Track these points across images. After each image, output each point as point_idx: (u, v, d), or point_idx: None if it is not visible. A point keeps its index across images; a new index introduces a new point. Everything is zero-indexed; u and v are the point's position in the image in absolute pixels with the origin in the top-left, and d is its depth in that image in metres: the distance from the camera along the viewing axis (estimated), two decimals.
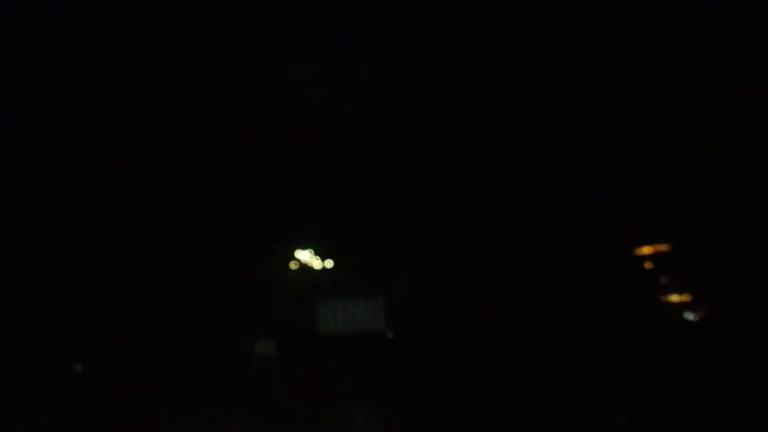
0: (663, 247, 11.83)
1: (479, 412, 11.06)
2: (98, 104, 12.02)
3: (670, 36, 11.25)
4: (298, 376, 11.36)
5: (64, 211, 11.72)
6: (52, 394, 10.67)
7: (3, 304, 11.07)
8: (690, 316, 11.37)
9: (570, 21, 11.48)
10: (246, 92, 12.15)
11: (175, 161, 12.10)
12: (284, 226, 12.17)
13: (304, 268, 12.66)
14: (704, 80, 11.10)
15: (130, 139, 11.82)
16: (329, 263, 12.76)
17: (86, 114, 12.01)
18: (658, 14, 11.16)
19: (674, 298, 11.56)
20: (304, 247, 12.68)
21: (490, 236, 12.31)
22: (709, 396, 10.26)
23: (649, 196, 11.50)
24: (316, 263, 12.71)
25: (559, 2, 11.53)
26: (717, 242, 11.17)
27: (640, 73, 11.40)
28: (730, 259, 11.17)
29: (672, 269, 11.73)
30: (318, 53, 12.18)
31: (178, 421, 10.49)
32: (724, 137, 10.90)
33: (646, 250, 11.98)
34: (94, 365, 11.05)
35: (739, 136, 10.88)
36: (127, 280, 11.53)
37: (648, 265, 11.96)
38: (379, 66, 12.14)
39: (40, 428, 10.06)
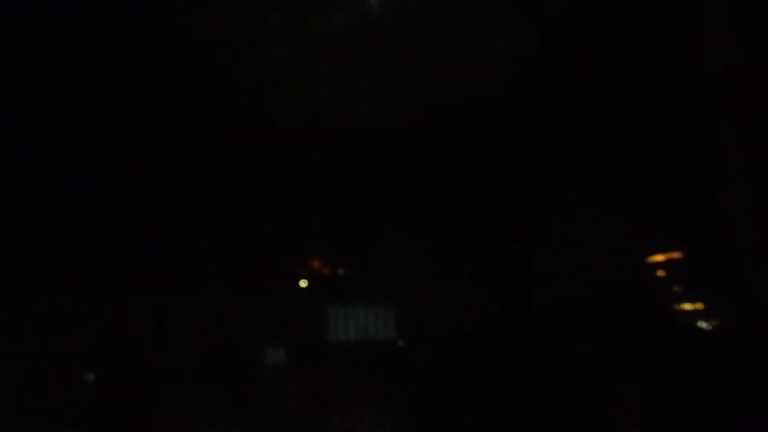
0: (676, 255, 11.87)
1: (489, 420, 10.96)
2: (103, 105, 11.97)
3: (681, 41, 11.42)
4: (309, 383, 11.24)
5: (75, 214, 11.59)
6: (59, 397, 10.45)
7: (7, 306, 10.88)
8: (703, 324, 11.36)
9: (578, 20, 11.61)
10: (257, 98, 12.17)
11: (188, 169, 12.04)
12: (295, 234, 12.10)
13: (315, 275, 12.58)
14: (719, 89, 11.25)
15: (146, 145, 11.76)
16: (340, 271, 12.69)
17: (91, 115, 11.94)
18: (669, 18, 11.34)
19: (687, 306, 11.55)
20: (315, 255, 12.61)
21: (502, 245, 12.30)
22: (718, 405, 10.22)
23: (662, 203, 11.57)
24: (327, 271, 12.63)
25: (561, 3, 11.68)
26: (730, 250, 11.22)
27: (657, 82, 11.55)
28: (741, 268, 11.20)
29: (685, 277, 11.76)
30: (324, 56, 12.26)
31: (188, 428, 10.32)
32: (738, 144, 11.02)
33: (658, 257, 12.01)
34: (103, 370, 10.87)
35: (754, 143, 11.01)
36: (137, 287, 11.39)
37: (660, 273, 11.98)
38: (384, 69, 12.23)
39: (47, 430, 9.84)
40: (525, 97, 12.17)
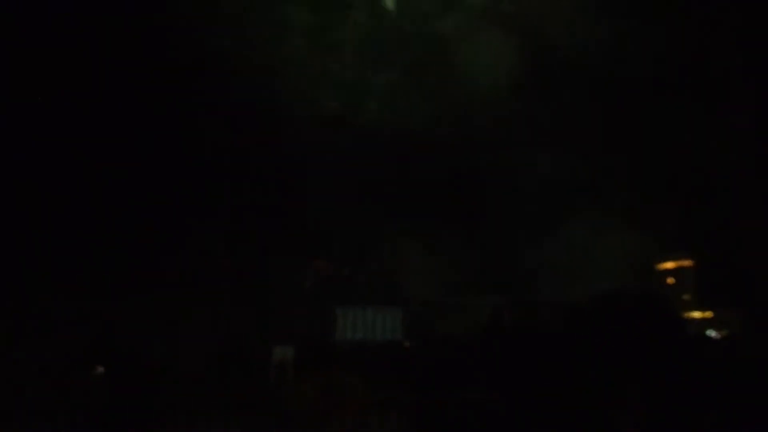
0: (686, 263, 11.85)
1: (493, 421, 10.96)
2: (106, 106, 11.74)
3: (700, 50, 11.37)
4: (315, 382, 11.16)
5: (86, 219, 11.38)
6: (60, 397, 10.28)
7: (10, 307, 10.66)
8: (712, 333, 11.37)
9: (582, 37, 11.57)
10: (269, 103, 12.00)
11: (198, 173, 11.87)
12: (304, 236, 11.99)
13: (324, 276, 12.47)
14: (732, 98, 11.24)
15: (153, 147, 11.56)
16: (348, 272, 12.59)
17: (95, 117, 11.71)
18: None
19: (696, 314, 11.55)
20: (323, 256, 12.52)
21: (509, 249, 12.25)
22: (720, 408, 10.27)
23: (674, 212, 11.55)
24: (335, 272, 12.53)
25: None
26: (740, 260, 11.23)
27: (670, 96, 11.52)
28: (751, 278, 11.23)
29: (695, 285, 11.75)
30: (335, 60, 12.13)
31: (192, 428, 10.20)
32: (751, 153, 11.01)
33: (669, 265, 11.99)
34: (107, 370, 10.73)
35: (765, 152, 11.00)
36: (141, 288, 11.22)
37: (670, 280, 11.96)
38: (395, 74, 12.11)
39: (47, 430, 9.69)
40: (520, 100, 12.12)
